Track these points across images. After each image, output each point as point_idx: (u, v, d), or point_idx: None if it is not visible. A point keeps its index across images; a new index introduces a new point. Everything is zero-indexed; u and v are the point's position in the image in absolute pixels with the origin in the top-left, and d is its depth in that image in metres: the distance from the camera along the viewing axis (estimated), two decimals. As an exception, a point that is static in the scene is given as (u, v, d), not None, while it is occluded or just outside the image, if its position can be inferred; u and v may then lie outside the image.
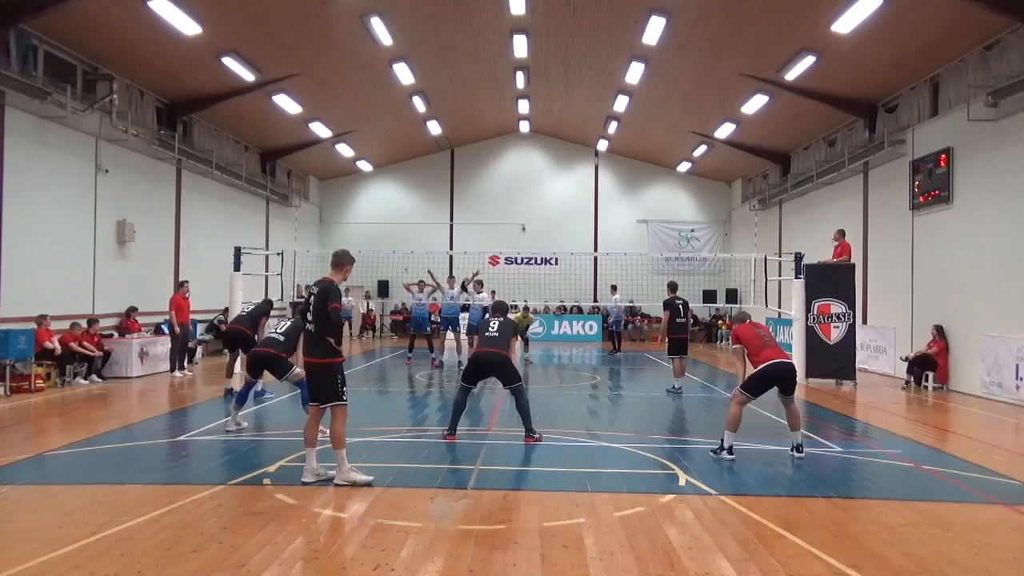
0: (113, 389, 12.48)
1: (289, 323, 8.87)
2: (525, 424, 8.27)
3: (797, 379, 7.66)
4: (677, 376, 12.49)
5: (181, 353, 14.76)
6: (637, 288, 23.55)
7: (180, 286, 15.25)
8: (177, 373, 14.42)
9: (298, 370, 8.81)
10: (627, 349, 22.49)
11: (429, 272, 16.27)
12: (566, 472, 6.87)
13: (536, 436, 8.18)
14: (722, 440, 7.42)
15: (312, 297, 6.18)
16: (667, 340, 12.58)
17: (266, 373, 8.75)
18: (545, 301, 26.35)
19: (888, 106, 16.48)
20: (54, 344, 12.44)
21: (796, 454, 7.49)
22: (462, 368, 9.55)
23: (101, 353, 13.41)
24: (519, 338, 17.72)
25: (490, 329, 8.62)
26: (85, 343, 13.07)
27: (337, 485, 6.09)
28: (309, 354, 6.21)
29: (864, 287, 17.06)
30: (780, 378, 7.36)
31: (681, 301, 12.63)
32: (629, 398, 12.57)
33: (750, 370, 7.56)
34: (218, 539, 4.83)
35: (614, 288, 22.10)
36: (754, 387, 7.42)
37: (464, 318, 17.68)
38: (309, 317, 6.18)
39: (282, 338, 8.67)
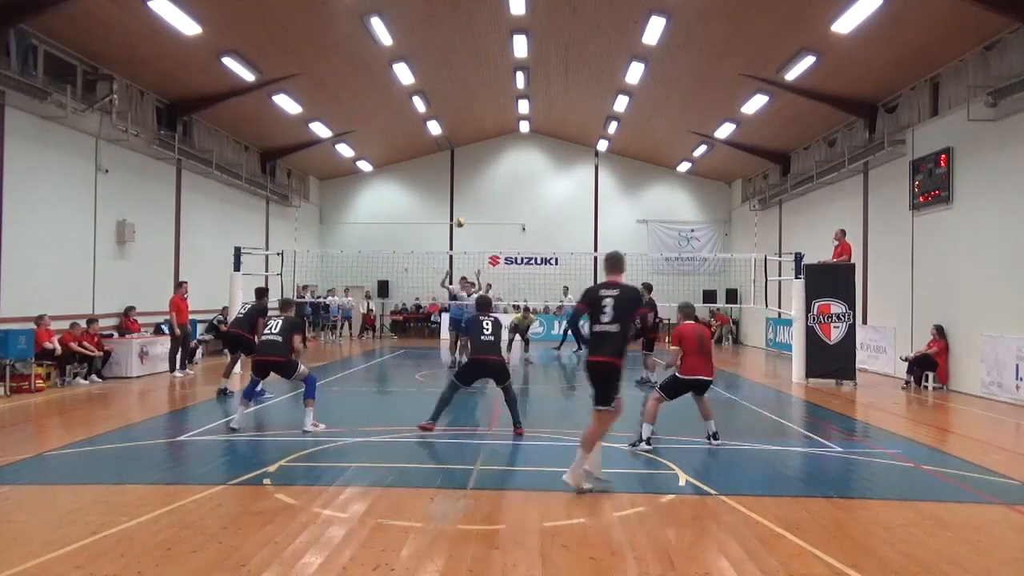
0: (113, 389, 12.48)
1: (283, 322, 8.85)
2: (514, 416, 8.51)
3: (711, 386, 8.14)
4: (653, 370, 13.18)
5: (182, 353, 14.75)
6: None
7: (178, 287, 15.25)
8: (177, 373, 14.41)
9: (303, 368, 8.88)
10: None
11: (477, 273, 16.81)
12: (566, 472, 6.85)
13: (523, 430, 8.45)
14: (640, 433, 7.77)
15: (624, 298, 6.09)
16: (646, 340, 13.23)
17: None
18: (545, 301, 26.34)
19: (888, 106, 16.48)
20: (54, 344, 12.44)
21: (713, 442, 7.90)
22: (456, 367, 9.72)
23: (101, 353, 13.40)
24: (520, 336, 17.80)
25: (485, 332, 8.59)
26: (85, 343, 13.07)
27: (582, 491, 5.97)
28: (597, 353, 6.11)
29: (864, 287, 17.06)
30: (697, 387, 7.95)
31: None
32: (629, 398, 12.56)
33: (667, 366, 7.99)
34: (218, 539, 4.83)
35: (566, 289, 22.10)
36: (672, 390, 7.96)
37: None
38: (606, 317, 6.04)
39: (280, 339, 8.67)
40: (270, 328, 8.93)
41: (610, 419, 6.18)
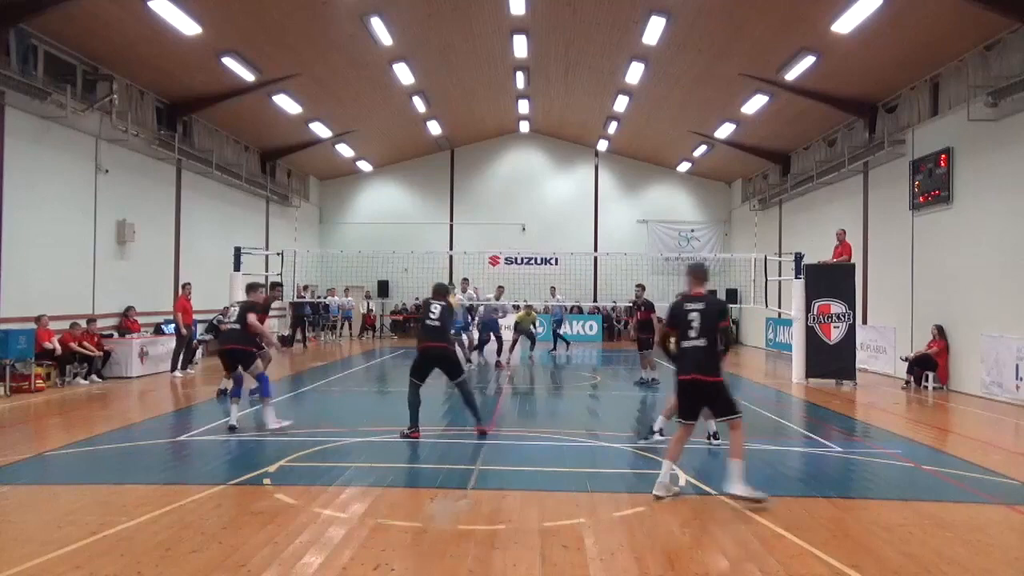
0: (113, 389, 12.48)
1: (238, 309, 8.86)
2: (474, 415, 8.44)
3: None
4: (653, 369, 13.36)
5: (185, 354, 14.81)
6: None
7: (183, 288, 15.26)
8: (178, 373, 14.42)
9: (259, 363, 8.95)
10: (626, 349, 22.45)
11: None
12: (566, 472, 6.87)
13: (486, 427, 8.40)
14: (651, 425, 8.13)
15: (708, 308, 6.01)
16: (640, 338, 13.41)
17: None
18: (545, 301, 26.32)
19: (888, 106, 16.48)
20: (54, 344, 12.44)
21: (712, 442, 7.87)
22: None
23: (101, 353, 13.41)
24: (525, 335, 17.54)
25: (431, 317, 8.25)
26: (85, 343, 13.07)
27: (736, 496, 5.75)
28: (696, 372, 5.87)
29: (864, 287, 17.06)
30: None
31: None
32: (629, 398, 12.57)
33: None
34: (218, 539, 4.83)
35: (553, 289, 22.08)
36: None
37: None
38: (694, 332, 5.94)
39: (238, 326, 8.69)
40: (229, 316, 8.91)
41: (742, 422, 6.04)
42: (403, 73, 18.87)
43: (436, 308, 8.34)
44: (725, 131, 21.44)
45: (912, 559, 4.64)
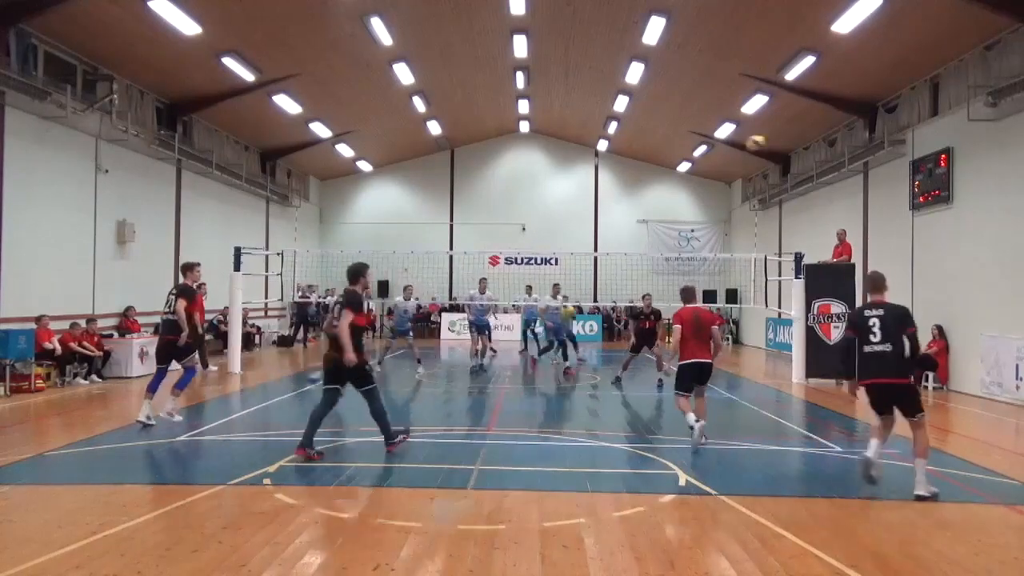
0: (113, 389, 12.48)
1: (174, 300, 8.82)
2: (384, 432, 7.36)
3: (712, 372, 8.22)
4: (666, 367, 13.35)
5: (201, 351, 14.96)
6: (637, 289, 23.48)
7: (199, 287, 15.27)
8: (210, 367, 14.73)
9: (196, 355, 9.14)
10: (626, 349, 22.45)
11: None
12: (566, 472, 6.87)
13: (398, 440, 7.34)
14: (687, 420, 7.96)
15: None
16: (636, 344, 13.63)
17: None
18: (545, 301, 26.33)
19: (888, 106, 16.48)
20: (54, 344, 12.44)
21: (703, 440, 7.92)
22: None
23: (101, 353, 13.40)
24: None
25: (334, 315, 7.23)
26: (85, 343, 13.07)
27: (920, 497, 5.90)
28: (881, 375, 6.22)
29: (864, 287, 17.05)
30: (699, 373, 7.96)
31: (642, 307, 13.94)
32: (629, 398, 12.57)
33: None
34: (218, 539, 4.83)
35: (529, 288, 19.88)
36: (682, 381, 7.99)
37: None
38: (875, 338, 6.18)
39: (174, 316, 8.71)
40: (168, 304, 8.89)
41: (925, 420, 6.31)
42: (403, 73, 18.87)
43: (337, 309, 7.24)
44: (725, 131, 21.43)
45: (912, 559, 4.64)
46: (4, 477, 6.35)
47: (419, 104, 21.93)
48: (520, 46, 18.10)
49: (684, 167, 27.63)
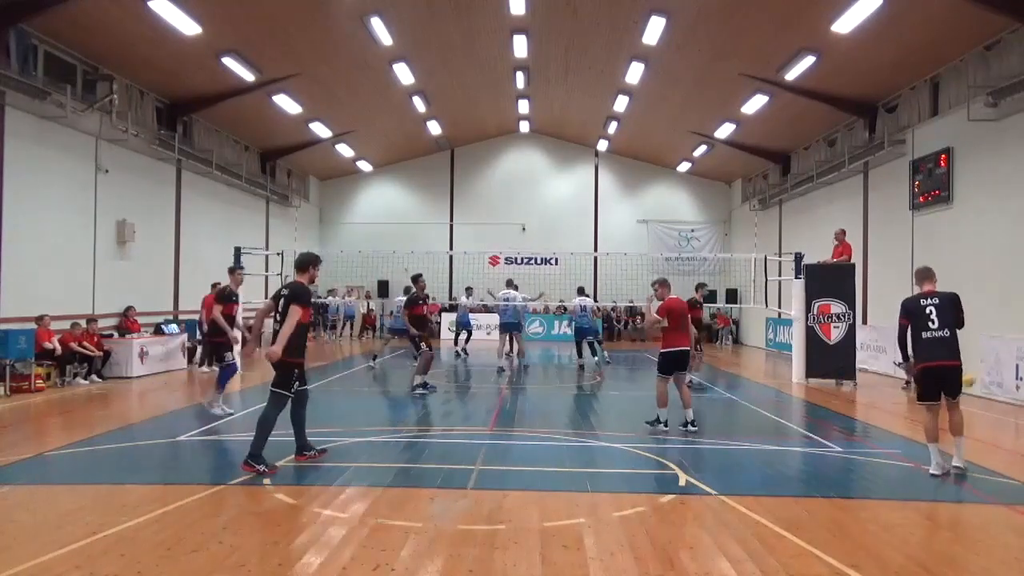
0: (113, 389, 12.48)
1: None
2: (298, 439, 7.04)
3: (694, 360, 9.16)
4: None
5: (203, 351, 15.21)
6: (637, 289, 23.52)
7: (213, 287, 15.32)
8: (204, 369, 14.83)
9: (229, 355, 9.83)
10: (626, 349, 22.48)
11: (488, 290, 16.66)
12: (566, 472, 6.87)
13: (260, 469, 6.44)
14: (657, 416, 8.78)
15: None
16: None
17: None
18: (545, 301, 26.34)
19: (888, 106, 16.48)
20: (54, 344, 12.44)
21: (690, 428, 8.62)
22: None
23: (101, 353, 13.41)
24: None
25: (276, 317, 6.77)
26: (85, 343, 13.07)
27: (957, 469, 6.70)
28: (939, 358, 6.71)
29: (864, 287, 17.06)
30: (680, 360, 8.80)
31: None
32: (629, 398, 12.58)
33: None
34: (218, 539, 4.83)
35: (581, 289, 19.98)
36: (665, 367, 8.82)
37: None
38: (934, 324, 6.74)
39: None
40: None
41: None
42: (403, 73, 18.87)
43: (283, 304, 6.72)
44: (725, 131, 21.44)
45: (912, 559, 4.64)
46: (4, 477, 6.35)
47: (419, 104, 21.93)
48: (520, 46, 18.10)
49: (684, 167, 27.63)
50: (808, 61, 15.06)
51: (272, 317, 6.88)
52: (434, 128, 25.23)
